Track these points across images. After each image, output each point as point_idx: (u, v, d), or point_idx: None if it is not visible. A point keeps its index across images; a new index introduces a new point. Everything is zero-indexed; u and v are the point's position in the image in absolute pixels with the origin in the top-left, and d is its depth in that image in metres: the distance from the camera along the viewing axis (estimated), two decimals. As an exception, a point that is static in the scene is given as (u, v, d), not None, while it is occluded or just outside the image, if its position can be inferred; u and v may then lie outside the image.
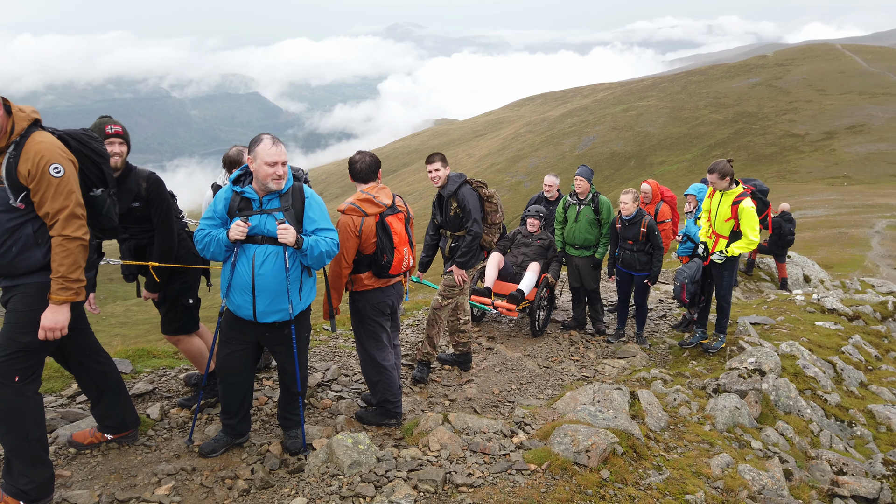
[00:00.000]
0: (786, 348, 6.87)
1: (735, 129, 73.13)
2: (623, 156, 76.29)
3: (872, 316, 9.11)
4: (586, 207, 7.86)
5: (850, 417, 5.99)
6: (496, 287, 8.04)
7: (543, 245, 8.37)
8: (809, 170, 56.80)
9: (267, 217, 3.87)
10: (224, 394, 4.17)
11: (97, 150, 3.67)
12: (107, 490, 3.64)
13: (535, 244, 8.41)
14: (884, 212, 29.78)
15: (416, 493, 3.62)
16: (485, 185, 6.23)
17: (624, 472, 4.03)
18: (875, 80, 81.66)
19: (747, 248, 6.67)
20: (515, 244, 8.53)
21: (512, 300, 7.63)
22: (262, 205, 3.89)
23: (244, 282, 3.86)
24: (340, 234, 4.55)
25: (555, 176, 8.90)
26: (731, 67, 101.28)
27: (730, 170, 6.63)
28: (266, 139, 3.82)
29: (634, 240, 7.66)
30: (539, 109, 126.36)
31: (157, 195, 4.37)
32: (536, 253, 8.35)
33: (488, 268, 8.04)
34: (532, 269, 8.10)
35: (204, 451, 4.15)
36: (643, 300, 8.12)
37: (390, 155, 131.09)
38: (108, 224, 3.81)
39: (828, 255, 20.66)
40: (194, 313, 4.78)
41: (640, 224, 7.60)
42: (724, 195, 6.73)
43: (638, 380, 6.34)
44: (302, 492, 3.70)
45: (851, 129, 65.54)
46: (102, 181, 3.71)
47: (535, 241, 8.42)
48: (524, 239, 8.48)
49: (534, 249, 8.38)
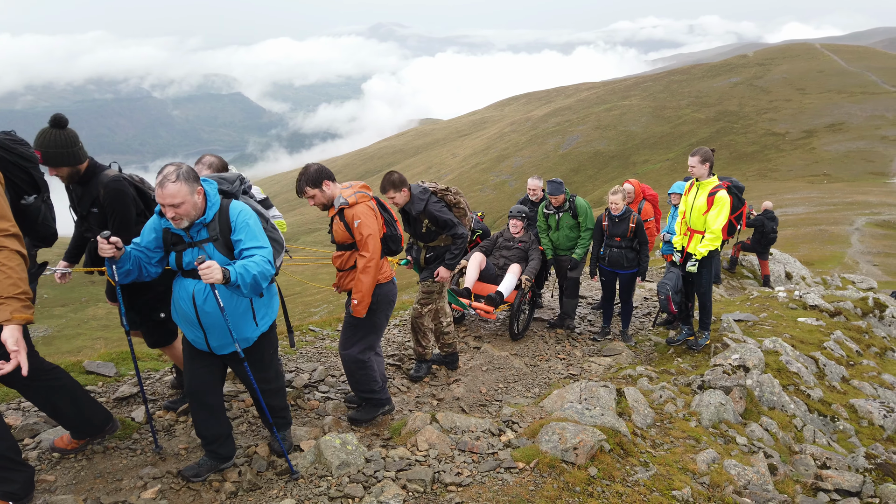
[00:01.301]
0: (769, 344, 6.95)
1: (717, 128, 73.87)
2: (606, 155, 76.75)
3: (853, 312, 9.24)
4: (565, 214, 7.97)
5: (832, 412, 6.07)
6: (476, 288, 7.89)
7: (525, 248, 8.20)
8: (790, 168, 57.52)
9: (199, 250, 3.55)
10: (195, 417, 3.90)
11: (23, 154, 3.51)
12: (92, 494, 3.60)
13: (516, 247, 8.23)
14: (863, 209, 30.22)
15: (404, 492, 3.62)
16: (449, 191, 6.10)
17: (611, 469, 4.05)
18: (853, 79, 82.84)
19: (712, 243, 6.67)
20: (497, 246, 8.35)
21: (490, 302, 7.47)
22: (193, 238, 3.54)
23: (190, 318, 3.62)
24: (367, 220, 4.59)
25: (538, 178, 8.85)
26: (713, 67, 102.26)
27: (711, 157, 6.70)
28: (161, 178, 3.36)
29: (623, 236, 7.70)
30: (523, 109, 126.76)
31: (111, 203, 4.04)
32: (518, 255, 8.16)
33: (469, 268, 7.95)
34: (513, 270, 7.93)
35: (185, 475, 3.87)
36: (629, 298, 8.15)
37: (375, 155, 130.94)
38: (45, 232, 3.62)
39: (809, 252, 20.92)
40: (168, 326, 4.50)
41: (628, 220, 7.65)
42: (699, 188, 6.77)
43: (624, 377, 6.38)
44: (290, 493, 3.68)
45: (831, 128, 66.45)
46: (34, 187, 3.53)
47: (517, 243, 8.23)
48: (506, 242, 8.30)
49: (515, 252, 8.20)
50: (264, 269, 3.44)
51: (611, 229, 7.76)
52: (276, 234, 3.95)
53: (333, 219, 4.74)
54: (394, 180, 5.65)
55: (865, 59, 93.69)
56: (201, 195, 3.51)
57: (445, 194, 6.02)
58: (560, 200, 7.92)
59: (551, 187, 7.93)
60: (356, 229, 4.58)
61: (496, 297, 7.50)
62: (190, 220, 3.46)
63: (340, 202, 4.61)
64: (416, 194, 5.76)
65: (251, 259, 3.43)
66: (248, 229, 3.56)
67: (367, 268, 4.61)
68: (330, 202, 4.69)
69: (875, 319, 9.37)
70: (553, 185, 7.95)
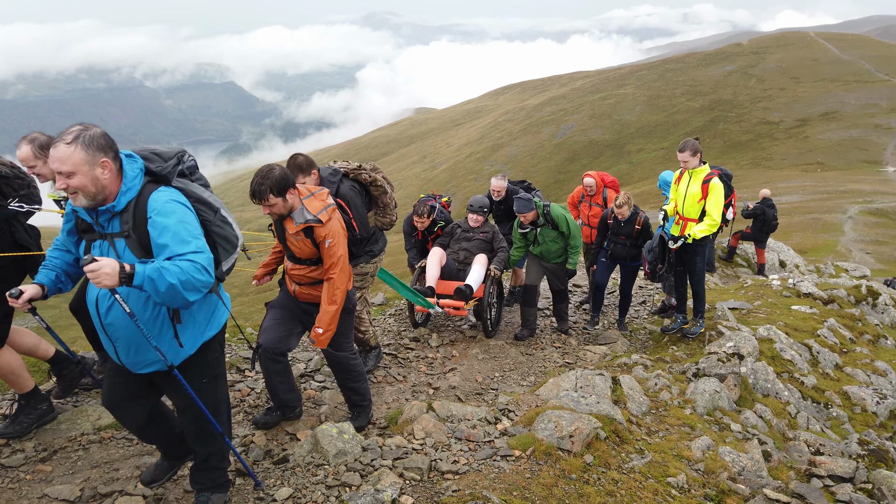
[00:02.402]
0: (763, 332, 6.98)
1: (711, 117, 73.91)
2: (601, 144, 76.73)
3: (846, 299, 9.29)
4: (543, 228, 7.36)
5: (826, 399, 6.11)
6: (439, 287, 7.30)
7: (487, 237, 7.54)
8: (784, 156, 57.64)
9: (108, 245, 2.86)
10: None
11: None
12: (89, 484, 3.60)
13: (477, 237, 7.56)
14: (856, 197, 30.34)
15: (401, 480, 3.63)
16: (363, 170, 5.39)
17: (607, 457, 4.08)
18: (847, 67, 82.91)
19: (709, 229, 6.65)
20: (455, 239, 7.64)
21: (459, 296, 6.94)
22: (103, 227, 2.87)
23: (97, 325, 3.01)
24: (340, 239, 4.10)
25: (502, 178, 8.36)
26: (707, 55, 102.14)
27: (699, 147, 6.73)
28: (63, 134, 2.74)
29: (628, 236, 7.63)
30: (517, 98, 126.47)
31: None
32: (481, 246, 7.54)
33: (429, 265, 7.31)
34: (479, 261, 7.34)
35: (144, 480, 3.61)
36: (629, 289, 8.06)
37: (369, 145, 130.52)
38: None
39: (802, 240, 21.01)
40: None
41: (634, 222, 7.57)
42: (692, 176, 6.78)
43: (619, 365, 6.40)
44: (287, 482, 3.69)
45: (825, 116, 66.56)
46: None
47: (478, 234, 7.57)
48: (465, 233, 7.60)
49: (477, 244, 7.55)
50: (192, 279, 2.69)
51: (616, 228, 7.69)
52: (227, 230, 3.15)
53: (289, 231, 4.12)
54: (300, 163, 4.87)
55: (859, 48, 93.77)
56: (109, 170, 2.76)
57: (359, 173, 5.37)
58: (531, 217, 7.27)
59: (518, 205, 7.21)
60: (327, 250, 4.06)
61: (465, 290, 6.96)
62: (90, 200, 2.75)
63: (308, 218, 3.99)
64: (326, 177, 5.11)
65: (175, 263, 2.68)
66: (173, 229, 2.78)
67: (333, 297, 4.12)
68: (289, 213, 4.08)
69: (868, 307, 9.42)
70: (520, 203, 7.20)
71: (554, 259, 7.49)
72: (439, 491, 3.54)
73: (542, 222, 7.32)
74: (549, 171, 71.26)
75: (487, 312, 7.28)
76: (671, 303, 8.42)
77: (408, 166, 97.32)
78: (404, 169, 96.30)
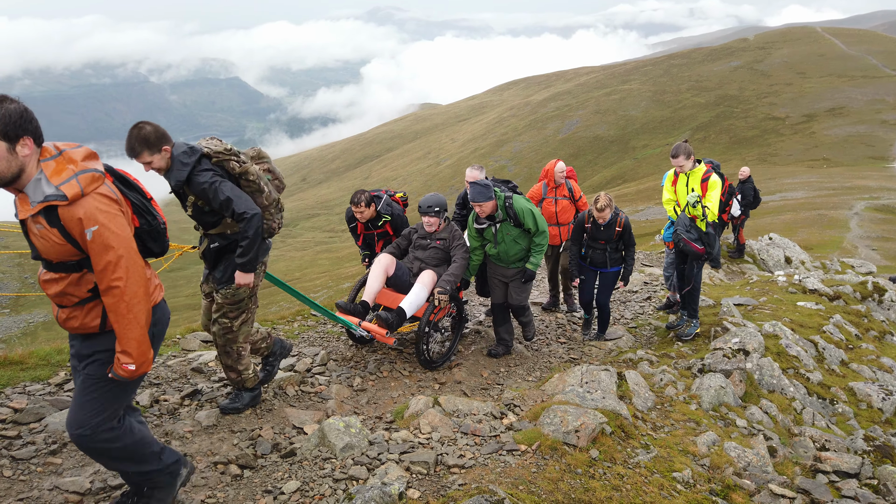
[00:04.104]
0: (769, 328, 6.98)
1: (717, 113, 73.57)
2: (606, 139, 76.53)
3: (852, 296, 9.27)
4: (504, 224, 6.20)
5: (831, 395, 6.12)
6: (386, 299, 6.29)
7: (444, 246, 6.31)
8: (790, 152, 57.36)
9: None
10: None
11: None
12: (98, 476, 3.63)
13: (433, 245, 6.32)
14: (862, 193, 30.20)
15: (408, 474, 3.65)
16: (234, 155, 4.14)
17: (613, 452, 4.09)
18: (854, 62, 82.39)
19: (712, 215, 6.54)
20: (413, 246, 6.50)
21: (382, 323, 5.70)
22: None
23: None
24: (111, 223, 2.67)
25: (478, 168, 7.11)
26: (713, 51, 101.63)
27: (692, 150, 6.74)
28: None
29: (608, 240, 6.91)
30: (522, 93, 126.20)
31: None
32: (435, 257, 6.29)
33: (370, 276, 6.15)
34: (422, 280, 6.07)
35: None
36: (605, 301, 7.27)
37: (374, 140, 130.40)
38: None
39: (808, 236, 20.93)
40: None
41: (614, 224, 6.84)
42: (690, 176, 6.80)
43: (625, 361, 6.42)
44: (295, 475, 3.72)
45: (831, 112, 66.18)
46: None
47: (435, 240, 6.33)
48: (420, 240, 6.42)
49: (432, 253, 6.31)
50: None
51: (594, 233, 6.94)
52: None
53: (28, 221, 2.68)
54: (146, 136, 3.74)
55: (866, 43, 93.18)
56: None
57: (227, 159, 4.10)
58: (489, 209, 6.07)
59: (473, 192, 6.03)
60: (91, 243, 2.65)
61: (390, 317, 5.70)
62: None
63: (49, 194, 2.59)
64: (177, 157, 3.91)
65: None
66: None
67: (129, 308, 2.75)
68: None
69: (874, 303, 9.41)
70: (475, 191, 6.01)
71: (514, 263, 6.38)
72: (446, 485, 3.57)
73: (500, 217, 6.17)
74: None
75: (424, 342, 5.94)
76: (675, 299, 8.41)
77: (412, 162, 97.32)
78: (408, 164, 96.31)
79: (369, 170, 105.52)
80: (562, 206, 7.88)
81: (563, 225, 7.94)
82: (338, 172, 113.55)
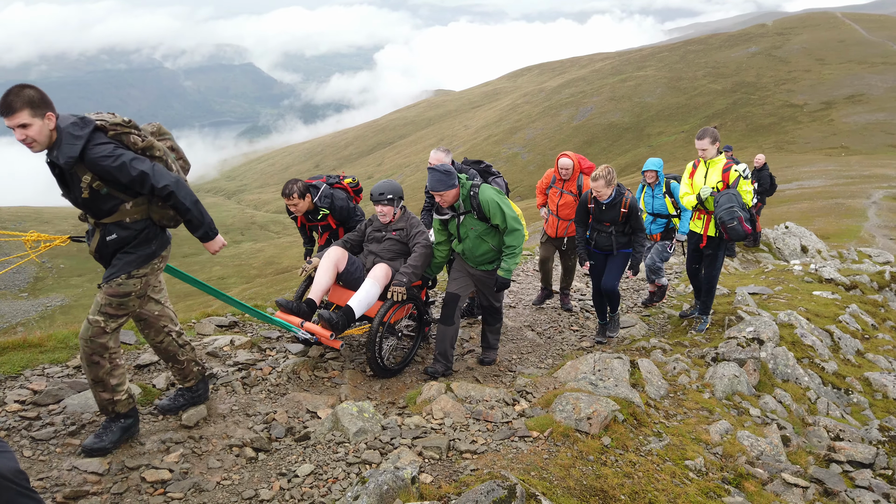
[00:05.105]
0: (784, 318, 6.93)
1: (733, 100, 72.73)
2: (620, 127, 75.95)
3: (869, 285, 9.18)
4: (467, 217, 5.38)
5: (846, 385, 6.07)
6: (338, 298, 5.65)
7: (401, 237, 5.62)
8: (807, 140, 56.68)
9: None
10: None
11: None
12: (116, 458, 3.69)
13: (389, 237, 5.64)
14: (881, 182, 29.79)
15: (420, 459, 3.68)
16: (134, 128, 3.59)
17: (625, 439, 4.10)
18: (875, 49, 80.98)
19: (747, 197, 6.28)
20: (367, 239, 5.80)
21: (327, 324, 5.04)
22: None
23: None
24: None
25: (443, 151, 6.42)
26: (731, 37, 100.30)
27: (718, 136, 6.44)
28: None
29: (613, 222, 6.46)
30: (536, 80, 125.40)
31: None
32: (391, 250, 5.61)
33: (319, 270, 5.46)
34: (374, 274, 5.35)
35: None
36: (613, 285, 6.70)
37: (386, 127, 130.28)
38: None
39: (825, 225, 20.70)
40: None
41: (620, 205, 6.36)
42: (709, 167, 6.48)
43: (638, 349, 6.41)
44: (309, 459, 3.76)
45: (850, 99, 65.22)
46: None
47: (390, 231, 5.64)
48: (375, 232, 5.73)
49: (387, 245, 5.63)
50: None
51: (598, 215, 6.51)
52: None
53: None
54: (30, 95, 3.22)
55: (888, 28, 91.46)
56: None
57: (125, 132, 3.54)
58: (451, 198, 5.28)
59: (432, 179, 5.22)
60: None
61: (335, 318, 5.04)
62: None
63: None
64: (66, 129, 3.35)
65: None
66: None
67: None
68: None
69: (891, 293, 9.31)
70: (435, 177, 5.19)
71: (481, 265, 5.56)
72: (458, 470, 3.59)
73: (462, 208, 5.36)
74: None
75: (376, 346, 5.18)
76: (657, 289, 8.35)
77: (425, 149, 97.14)
78: (421, 152, 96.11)
79: (382, 157, 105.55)
80: (565, 199, 7.49)
81: (562, 220, 7.54)
82: (351, 159, 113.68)
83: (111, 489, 3.41)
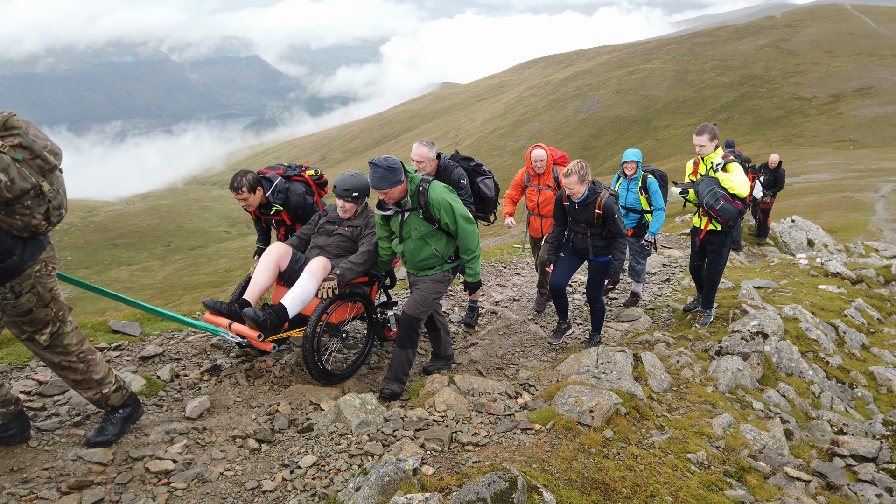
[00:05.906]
0: (789, 311, 6.91)
1: (741, 93, 72.31)
2: (627, 120, 75.67)
3: (876, 279, 9.14)
4: (411, 215, 4.84)
5: (851, 379, 6.06)
6: (281, 296, 4.99)
7: (353, 235, 5.21)
8: (815, 133, 56.34)
9: None
10: None
11: None
12: (121, 448, 3.72)
13: (339, 231, 5.22)
14: (889, 176, 29.59)
15: (423, 451, 3.70)
16: None
17: (627, 432, 4.10)
18: (885, 41, 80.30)
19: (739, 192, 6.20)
20: (317, 230, 5.35)
21: (254, 324, 4.52)
22: None
23: None
24: None
25: (426, 145, 5.99)
26: (739, 29, 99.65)
27: (717, 133, 6.38)
28: None
29: (588, 224, 5.98)
30: (543, 72, 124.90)
31: None
32: (339, 246, 5.17)
33: (257, 270, 4.99)
34: (311, 269, 4.84)
35: None
36: (595, 295, 6.30)
37: (392, 120, 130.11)
38: None
39: (832, 219, 20.60)
40: None
41: (593, 205, 5.84)
42: (709, 162, 6.42)
43: (641, 342, 6.40)
44: (311, 450, 3.78)
45: (859, 92, 64.77)
46: None
47: (343, 227, 5.23)
48: (327, 224, 5.30)
49: (336, 240, 5.19)
50: None
51: (573, 214, 6.05)
52: None
53: None
54: None
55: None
56: None
57: None
58: (396, 195, 4.71)
59: (374, 176, 4.61)
60: None
61: (259, 316, 4.51)
62: None
63: None
64: None
65: None
66: None
67: None
68: None
69: (898, 288, 9.27)
70: (377, 174, 4.59)
71: (421, 270, 5.04)
72: (460, 462, 3.60)
73: (408, 205, 4.80)
74: (574, 148, 70.43)
75: (313, 348, 4.70)
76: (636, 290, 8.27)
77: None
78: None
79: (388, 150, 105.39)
80: (545, 196, 6.99)
81: (546, 217, 7.08)
82: (356, 152, 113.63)
83: (115, 479, 3.43)
